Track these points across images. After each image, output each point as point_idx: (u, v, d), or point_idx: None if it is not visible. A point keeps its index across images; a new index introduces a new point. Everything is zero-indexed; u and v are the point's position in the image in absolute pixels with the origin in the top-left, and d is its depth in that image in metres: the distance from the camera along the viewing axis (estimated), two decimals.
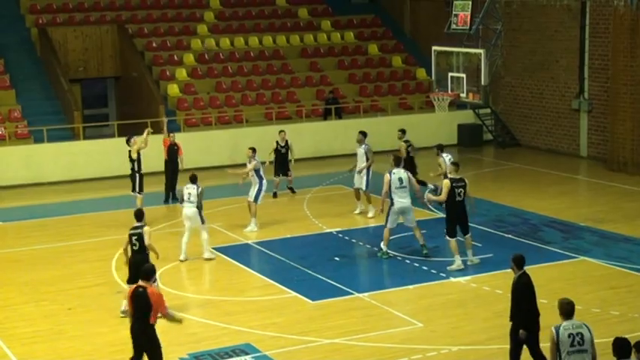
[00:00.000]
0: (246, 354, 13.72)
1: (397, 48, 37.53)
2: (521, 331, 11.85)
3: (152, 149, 24.55)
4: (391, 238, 18.89)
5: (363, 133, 23.21)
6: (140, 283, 11.99)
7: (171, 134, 25.43)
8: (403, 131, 24.44)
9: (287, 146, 25.26)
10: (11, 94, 31.44)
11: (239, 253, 19.63)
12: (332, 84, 34.84)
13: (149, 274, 12.10)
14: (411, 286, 16.72)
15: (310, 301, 16.23)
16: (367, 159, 22.60)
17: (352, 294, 16.55)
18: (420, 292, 16.63)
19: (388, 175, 18.44)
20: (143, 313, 11.84)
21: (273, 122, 32.10)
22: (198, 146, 30.70)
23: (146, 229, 15.21)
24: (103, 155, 29.37)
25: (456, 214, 17.65)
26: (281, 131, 25.89)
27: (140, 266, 12.88)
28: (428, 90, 34.39)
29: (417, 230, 18.67)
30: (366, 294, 16.51)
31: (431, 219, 21.81)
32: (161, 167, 25.78)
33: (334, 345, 14.09)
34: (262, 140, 31.37)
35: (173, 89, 33.09)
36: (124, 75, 35.19)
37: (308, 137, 31.87)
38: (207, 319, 15.29)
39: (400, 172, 18.59)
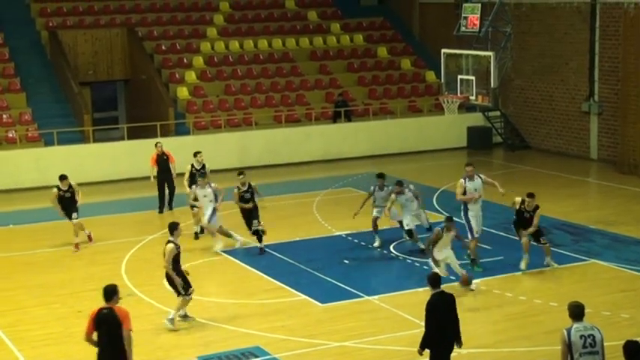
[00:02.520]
0: (256, 357, 13.72)
1: (406, 51, 37.51)
2: (419, 349, 11.57)
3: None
4: (398, 241, 18.90)
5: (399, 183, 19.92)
6: (104, 305, 11.24)
7: (158, 144, 24.85)
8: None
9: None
10: (22, 97, 31.54)
11: (248, 255, 19.64)
12: (341, 87, 34.84)
13: (110, 294, 11.25)
14: (420, 289, 16.68)
15: (320, 304, 16.23)
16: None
17: (361, 297, 16.54)
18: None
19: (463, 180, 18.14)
20: (113, 335, 11.10)
21: (283, 125, 32.13)
22: (208, 149, 30.65)
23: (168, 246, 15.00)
24: (112, 158, 29.46)
25: None
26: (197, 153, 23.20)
27: None
28: (437, 92, 34.36)
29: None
30: (375, 297, 16.50)
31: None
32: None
33: (343, 348, 14.08)
34: (271, 143, 31.54)
35: (182, 92, 33.14)
36: (134, 78, 35.26)
37: (317, 140, 31.91)
38: (217, 321, 15.30)
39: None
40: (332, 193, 26.37)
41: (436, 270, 15.62)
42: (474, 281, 16.84)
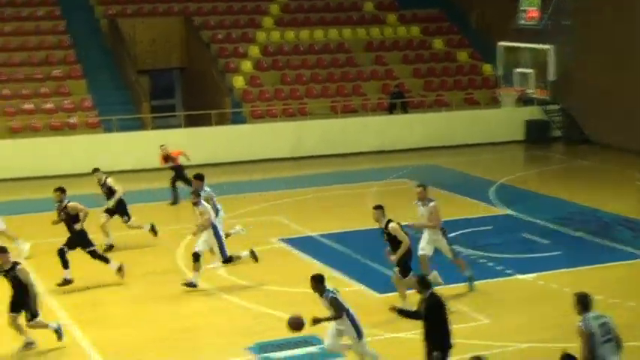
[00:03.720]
0: (312, 345, 13.76)
1: (463, 43, 37.24)
2: (435, 353, 11.20)
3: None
4: (458, 232, 18.81)
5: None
6: None
7: (162, 146, 24.87)
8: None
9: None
10: (83, 84, 31.98)
11: (303, 245, 19.70)
12: (397, 78, 34.73)
13: None
14: (476, 282, 16.59)
15: (377, 294, 16.22)
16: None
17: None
18: (486, 289, 16.50)
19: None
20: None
21: (339, 115, 32.13)
22: (263, 138, 30.90)
23: None
24: (170, 145, 29.69)
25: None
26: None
27: None
28: (494, 85, 34.08)
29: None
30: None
31: (497, 215, 21.65)
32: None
33: (398, 338, 14.05)
34: (327, 133, 31.57)
35: (238, 81, 33.30)
36: (190, 67, 35.53)
37: (373, 131, 31.86)
38: (273, 309, 15.36)
39: None
40: (387, 184, 26.32)
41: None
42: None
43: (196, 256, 16.39)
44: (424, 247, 15.91)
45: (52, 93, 31.34)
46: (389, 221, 14.84)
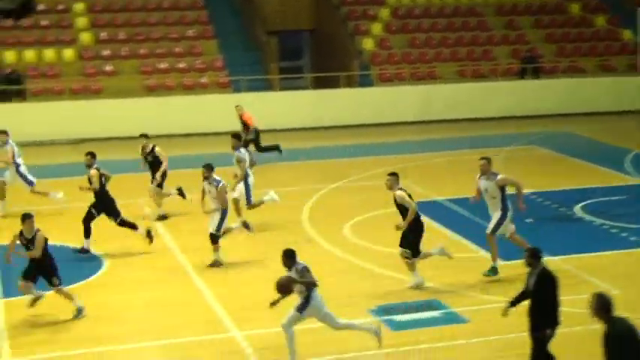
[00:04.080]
0: (434, 309, 13.66)
1: (600, 8, 35.96)
2: (548, 331, 10.62)
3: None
4: (591, 201, 18.27)
5: None
6: None
7: (237, 106, 24.94)
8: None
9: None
10: (214, 44, 32.46)
11: (429, 209, 19.47)
12: (529, 42, 33.88)
13: None
14: (608, 252, 16.09)
15: (500, 262, 15.94)
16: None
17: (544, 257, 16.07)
18: (617, 259, 16.00)
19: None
20: None
21: (468, 79, 31.63)
22: (390, 101, 30.75)
23: None
24: (297, 106, 29.94)
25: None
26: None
27: None
28: (634, 52, 32.81)
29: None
30: (558, 257, 16.03)
31: (632, 184, 20.98)
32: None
33: (522, 307, 13.77)
34: (455, 97, 31.14)
35: (367, 43, 33.14)
36: (319, 28, 35.55)
37: (503, 96, 31.26)
38: (396, 272, 15.30)
39: None
40: (515, 150, 25.80)
41: None
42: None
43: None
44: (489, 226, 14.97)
45: (185, 53, 31.96)
46: (398, 189, 14.30)
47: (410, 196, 14.36)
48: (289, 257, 11.45)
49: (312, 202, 20.02)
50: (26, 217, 13.05)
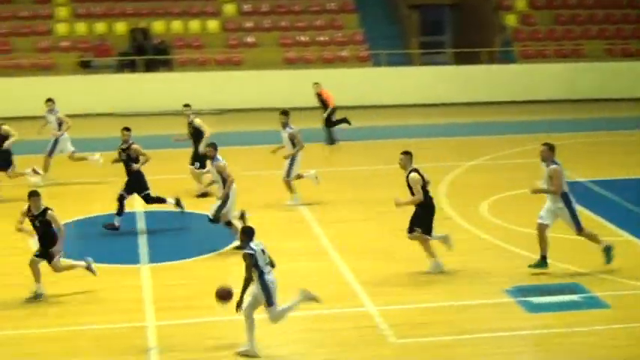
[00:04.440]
0: (574, 293, 13.33)
1: None
2: None
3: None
4: None
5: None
6: None
7: (316, 84, 24.43)
8: None
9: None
10: (355, 18, 32.46)
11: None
12: None
13: None
14: None
15: None
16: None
17: None
18: None
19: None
20: None
21: (616, 59, 30.59)
22: (532, 79, 30.09)
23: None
24: (436, 82, 29.67)
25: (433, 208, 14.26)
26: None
27: None
28: None
29: None
30: None
31: None
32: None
33: None
34: (602, 76, 30.17)
35: (511, 19, 32.47)
36: (462, 3, 35.02)
37: None
38: (533, 253, 14.94)
39: None
40: None
41: None
42: None
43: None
44: (542, 216, 14.02)
45: (326, 26, 32.09)
46: (412, 170, 13.84)
47: (424, 178, 13.81)
48: (245, 234, 11.20)
49: (448, 180, 19.81)
50: (32, 195, 13.15)
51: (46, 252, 13.21)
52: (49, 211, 13.13)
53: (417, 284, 13.70)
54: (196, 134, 18.70)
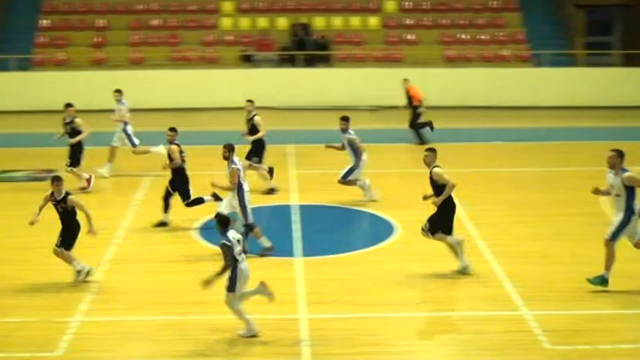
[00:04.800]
0: None
1: None
2: None
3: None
4: None
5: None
6: None
7: (405, 80, 24.06)
8: None
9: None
10: (517, 17, 31.85)
11: None
12: None
13: None
14: None
15: None
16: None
17: None
18: None
19: None
20: None
21: None
22: None
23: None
24: (601, 84, 28.76)
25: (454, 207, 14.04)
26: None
27: None
28: None
29: None
30: None
31: None
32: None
33: None
34: None
35: None
36: (634, 3, 33.75)
37: None
38: None
39: None
40: None
41: None
42: None
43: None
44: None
45: (487, 24, 31.62)
46: (435, 166, 13.72)
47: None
48: (220, 224, 11.50)
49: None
50: (55, 180, 13.33)
51: (64, 240, 13.35)
52: (70, 196, 13.31)
53: (575, 290, 13.27)
54: (253, 130, 18.80)
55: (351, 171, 17.72)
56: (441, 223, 13.79)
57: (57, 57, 30.44)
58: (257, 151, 18.70)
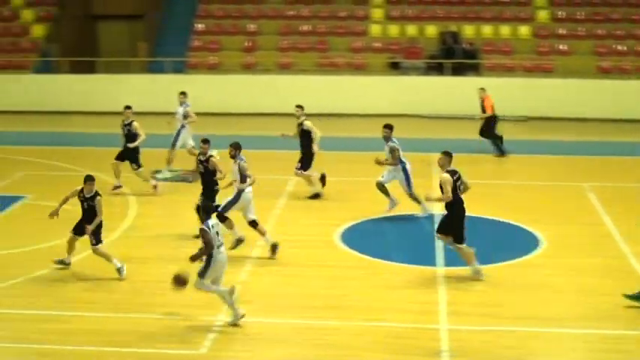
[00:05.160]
0: None
1: None
2: None
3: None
4: None
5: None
6: None
7: (481, 89, 23.38)
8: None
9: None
10: None
11: None
12: None
13: None
14: None
15: None
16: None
17: None
18: None
19: None
20: None
21: None
22: None
23: None
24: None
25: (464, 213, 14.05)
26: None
27: None
28: None
29: None
30: None
31: None
32: None
33: None
34: None
35: None
36: None
37: None
38: None
39: None
40: None
41: None
42: None
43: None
44: None
45: None
46: (447, 171, 13.89)
47: (460, 178, 13.91)
48: (203, 211, 12.18)
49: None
50: (88, 179, 14.05)
51: (96, 236, 14.11)
52: (99, 197, 14.05)
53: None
54: (304, 136, 18.66)
55: (408, 181, 17.40)
56: (450, 227, 13.96)
57: (209, 61, 31.26)
58: (308, 160, 18.66)
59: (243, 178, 15.09)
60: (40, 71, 31.03)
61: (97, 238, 14.19)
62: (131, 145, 18.98)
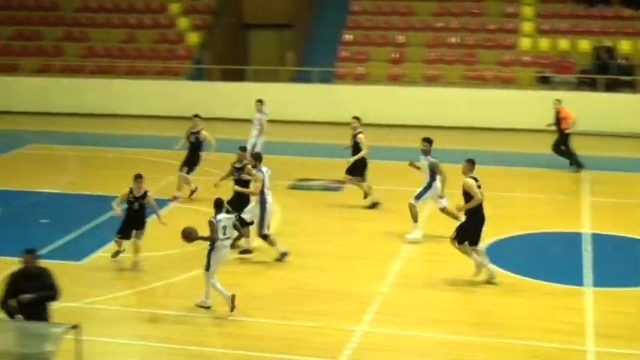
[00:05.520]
0: None
1: None
2: None
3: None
4: None
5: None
6: None
7: (557, 100, 22.95)
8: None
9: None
10: None
11: None
12: None
13: None
14: None
15: None
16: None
17: None
18: None
19: None
20: None
21: None
22: None
23: None
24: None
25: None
26: None
27: None
28: None
29: None
30: None
31: None
32: None
33: None
34: None
35: None
36: None
37: None
38: None
39: None
40: None
41: None
42: None
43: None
44: None
45: None
46: (469, 177, 14.16)
47: (480, 186, 14.04)
48: (215, 206, 13.04)
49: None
50: (137, 177, 14.44)
51: (129, 232, 14.50)
52: (149, 194, 14.49)
53: None
54: (355, 148, 18.91)
55: (425, 192, 16.91)
56: (469, 231, 14.13)
57: (357, 71, 31.38)
58: (356, 169, 18.88)
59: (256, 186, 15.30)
60: (193, 78, 31.92)
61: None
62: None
